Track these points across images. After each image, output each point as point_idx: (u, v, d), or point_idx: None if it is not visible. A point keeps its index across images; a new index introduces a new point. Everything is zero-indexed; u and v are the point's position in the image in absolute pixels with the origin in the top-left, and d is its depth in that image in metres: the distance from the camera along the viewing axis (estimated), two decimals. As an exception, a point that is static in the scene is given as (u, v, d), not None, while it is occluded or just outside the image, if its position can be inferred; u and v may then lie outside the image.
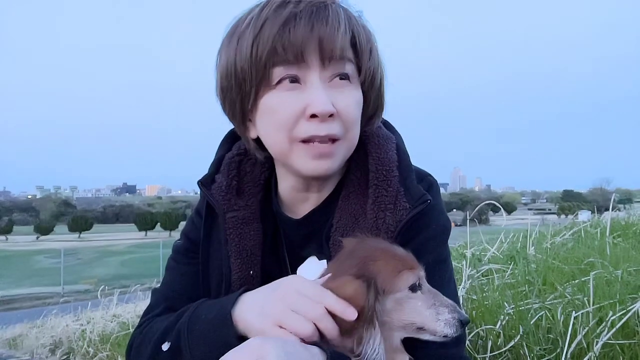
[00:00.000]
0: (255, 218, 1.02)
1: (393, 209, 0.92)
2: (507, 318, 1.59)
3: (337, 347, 0.76)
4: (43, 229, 73.99)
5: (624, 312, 1.39)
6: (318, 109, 0.86)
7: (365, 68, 0.92)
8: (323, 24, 0.85)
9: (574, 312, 1.45)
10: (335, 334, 0.76)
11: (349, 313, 0.74)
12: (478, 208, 3.32)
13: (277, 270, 1.03)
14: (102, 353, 3.84)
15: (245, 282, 0.98)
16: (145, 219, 77.04)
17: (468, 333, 1.55)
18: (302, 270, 1.00)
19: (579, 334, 1.38)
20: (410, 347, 0.83)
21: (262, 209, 1.04)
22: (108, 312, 5.18)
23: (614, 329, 1.35)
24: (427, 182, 1.00)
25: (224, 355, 0.71)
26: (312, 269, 0.94)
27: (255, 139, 0.98)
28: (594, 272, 1.70)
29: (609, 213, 3.76)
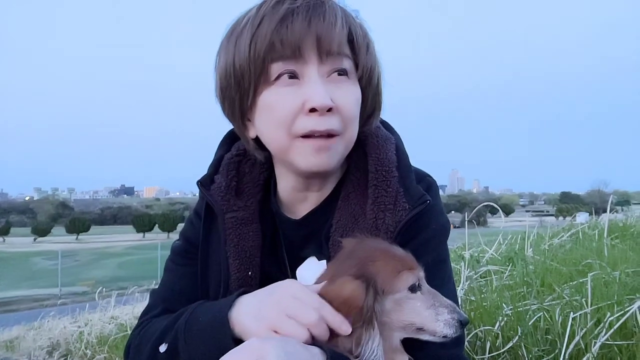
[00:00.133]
0: (255, 219, 1.02)
1: (393, 210, 0.92)
2: (505, 319, 1.59)
3: (336, 347, 0.76)
4: (40, 231, 73.80)
5: (622, 313, 1.39)
6: (317, 103, 0.86)
7: (363, 64, 0.92)
8: (320, 20, 0.86)
9: (572, 313, 1.45)
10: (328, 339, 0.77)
11: (344, 329, 0.75)
12: (476, 210, 3.32)
13: (276, 271, 1.02)
14: (99, 355, 3.83)
15: (244, 283, 0.98)
16: (143, 221, 76.95)
17: (467, 334, 1.55)
18: (301, 271, 0.99)
19: (577, 335, 1.38)
20: (410, 347, 0.83)
21: (261, 210, 1.04)
22: (106, 314, 5.17)
23: (612, 330, 1.35)
24: (426, 182, 1.00)
25: (224, 356, 0.71)
26: (311, 270, 0.94)
27: (255, 139, 0.98)
28: (592, 273, 1.71)
29: (607, 215, 3.76)
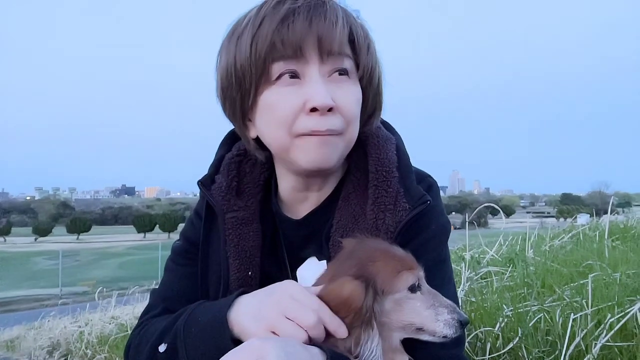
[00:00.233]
0: (255, 219, 1.02)
1: (393, 210, 0.92)
2: (505, 320, 1.59)
3: (335, 346, 0.76)
4: (41, 231, 73.91)
5: (623, 314, 1.39)
6: (318, 103, 0.86)
7: (364, 64, 0.92)
8: (321, 19, 0.86)
9: (573, 314, 1.45)
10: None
11: (341, 332, 0.75)
12: (477, 211, 3.32)
13: (276, 271, 1.02)
14: (100, 355, 3.83)
15: (244, 283, 0.98)
16: (144, 221, 77.04)
17: (467, 335, 1.55)
18: (301, 271, 1.00)
19: (578, 336, 1.38)
20: (410, 347, 0.83)
21: (261, 210, 1.04)
22: (106, 314, 5.17)
23: (613, 331, 1.35)
24: (426, 182, 1.00)
25: (224, 356, 0.71)
26: (311, 270, 0.94)
27: (256, 139, 0.98)
28: (593, 274, 1.71)
29: (608, 216, 3.76)
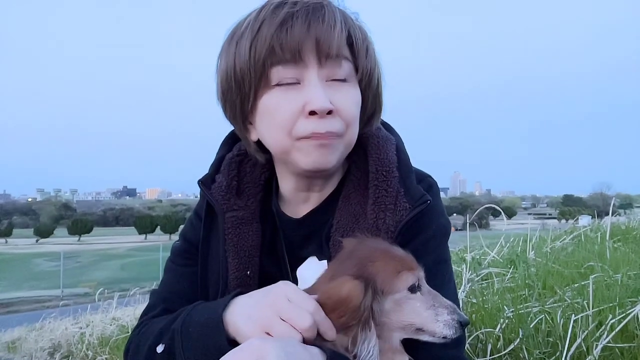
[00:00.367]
0: (255, 218, 1.02)
1: (393, 209, 0.92)
2: (506, 321, 1.59)
3: (334, 345, 0.76)
4: (43, 232, 74.03)
5: (624, 315, 1.39)
6: (316, 106, 0.86)
7: (362, 66, 0.92)
8: (319, 23, 0.87)
9: (574, 315, 1.45)
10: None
11: (330, 335, 0.77)
12: (478, 212, 3.31)
13: (276, 271, 1.03)
14: (101, 356, 3.83)
15: (242, 282, 0.98)
16: (145, 222, 77.08)
17: (468, 336, 1.55)
18: (302, 271, 1.00)
19: (579, 338, 1.38)
20: (410, 348, 0.82)
21: (261, 210, 1.04)
22: (107, 315, 5.18)
23: (614, 333, 1.35)
24: (427, 183, 1.01)
25: (224, 356, 0.71)
26: (312, 270, 0.94)
27: (256, 142, 0.99)
28: (594, 275, 1.70)
29: (609, 218, 3.76)
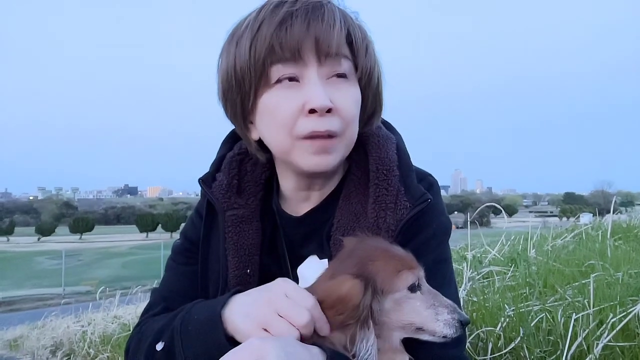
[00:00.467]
0: (255, 217, 1.03)
1: (394, 208, 0.93)
2: (507, 320, 1.59)
3: (332, 344, 0.76)
4: (44, 230, 74.17)
5: (625, 314, 1.39)
6: (316, 104, 0.87)
7: (362, 65, 0.92)
8: (319, 22, 0.87)
9: (575, 314, 1.45)
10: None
11: (324, 331, 0.77)
12: (479, 210, 3.31)
13: (276, 270, 1.03)
14: (102, 354, 3.84)
15: (242, 280, 0.98)
16: (147, 221, 77.17)
17: (469, 335, 1.55)
18: (302, 270, 1.00)
19: (579, 336, 1.38)
20: (410, 347, 0.82)
21: (262, 208, 1.05)
22: (109, 313, 5.18)
23: (614, 331, 1.35)
24: (427, 181, 1.01)
25: (224, 356, 0.71)
26: (312, 268, 0.95)
27: (257, 141, 0.99)
28: (595, 274, 1.70)
29: (610, 216, 3.76)
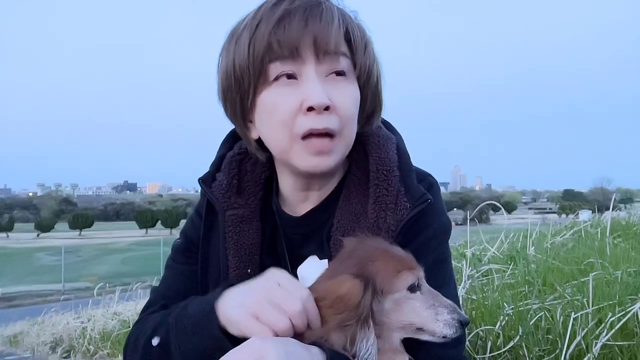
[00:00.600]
0: (255, 217, 1.02)
1: (394, 209, 0.92)
2: (506, 318, 1.59)
3: (331, 344, 0.76)
4: (44, 227, 74.18)
5: (624, 313, 1.39)
6: (314, 101, 0.86)
7: (361, 63, 0.92)
8: (317, 19, 0.87)
9: (574, 313, 1.45)
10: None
11: (316, 322, 0.77)
12: (479, 208, 3.31)
13: None
14: (102, 351, 3.86)
15: (243, 280, 0.98)
16: (146, 217, 77.19)
17: (467, 333, 1.55)
18: (302, 270, 1.00)
19: (578, 335, 1.38)
20: (410, 347, 0.83)
21: (262, 208, 1.05)
22: (109, 309, 5.20)
23: (613, 330, 1.35)
24: (427, 182, 1.00)
25: (224, 356, 0.71)
26: (312, 268, 0.94)
27: (257, 140, 0.99)
28: (594, 273, 1.70)
29: (610, 213, 3.75)
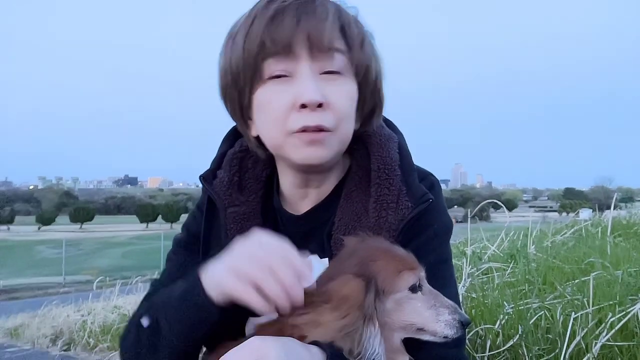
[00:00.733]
0: (256, 214, 1.02)
1: (395, 208, 0.92)
2: (506, 317, 1.59)
3: (332, 346, 0.75)
4: (45, 220, 74.30)
5: (624, 313, 1.39)
6: (306, 99, 0.86)
7: (357, 60, 0.91)
8: (310, 16, 0.86)
9: (574, 312, 1.45)
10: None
11: (305, 283, 0.77)
12: (480, 207, 3.31)
13: None
14: (102, 344, 3.87)
15: None
16: (147, 211, 77.33)
17: (467, 332, 1.55)
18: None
19: (578, 335, 1.38)
20: (411, 347, 0.83)
21: (263, 206, 1.04)
22: (109, 303, 5.22)
23: (613, 331, 1.35)
24: (428, 181, 1.00)
25: (224, 355, 0.71)
26: (313, 267, 0.94)
27: (256, 137, 0.98)
28: (594, 272, 1.70)
29: (610, 212, 3.75)
